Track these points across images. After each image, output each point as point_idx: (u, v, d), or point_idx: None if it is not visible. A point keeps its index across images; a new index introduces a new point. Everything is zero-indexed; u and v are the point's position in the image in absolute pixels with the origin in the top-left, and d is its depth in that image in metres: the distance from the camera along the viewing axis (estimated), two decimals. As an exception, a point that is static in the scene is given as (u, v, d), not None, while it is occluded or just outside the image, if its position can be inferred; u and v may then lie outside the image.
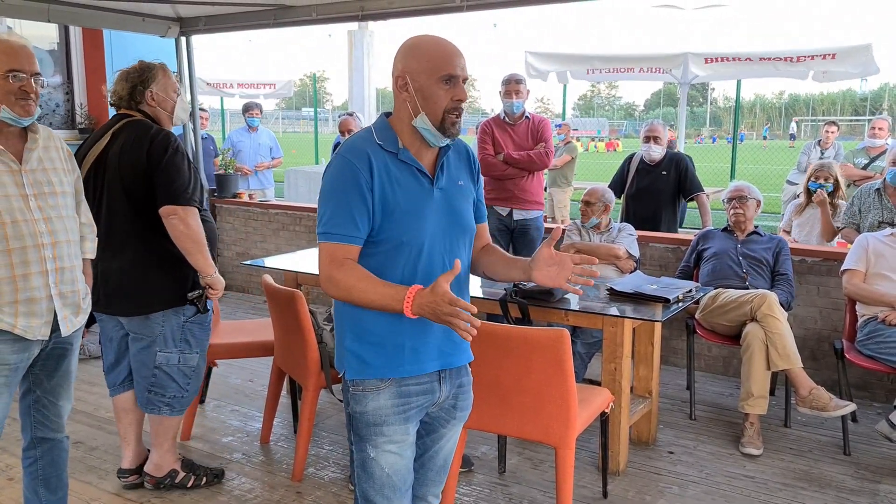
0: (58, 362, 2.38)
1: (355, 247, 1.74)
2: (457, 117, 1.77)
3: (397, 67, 1.78)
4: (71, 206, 2.37)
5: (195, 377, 3.03)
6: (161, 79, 2.93)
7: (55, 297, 2.24)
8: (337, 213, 1.73)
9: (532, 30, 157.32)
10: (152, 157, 2.75)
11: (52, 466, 2.50)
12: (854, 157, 6.29)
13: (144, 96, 2.90)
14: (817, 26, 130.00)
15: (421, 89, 1.75)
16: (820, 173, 4.60)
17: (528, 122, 4.70)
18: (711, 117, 58.29)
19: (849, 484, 3.16)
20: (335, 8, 4.98)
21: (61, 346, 2.36)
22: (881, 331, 3.46)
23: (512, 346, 2.61)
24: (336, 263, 1.72)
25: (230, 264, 6.75)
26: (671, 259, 4.64)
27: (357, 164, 1.73)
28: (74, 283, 2.32)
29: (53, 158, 2.32)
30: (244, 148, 7.39)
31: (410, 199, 1.76)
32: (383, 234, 1.75)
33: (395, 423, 1.82)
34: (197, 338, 2.99)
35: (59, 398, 2.43)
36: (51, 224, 2.23)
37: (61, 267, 2.26)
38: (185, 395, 3.01)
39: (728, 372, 4.52)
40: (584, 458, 3.35)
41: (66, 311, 2.29)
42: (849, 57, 7.77)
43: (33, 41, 6.49)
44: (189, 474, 3.10)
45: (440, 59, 1.74)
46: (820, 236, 4.60)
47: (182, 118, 3.01)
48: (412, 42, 1.79)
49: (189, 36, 5.99)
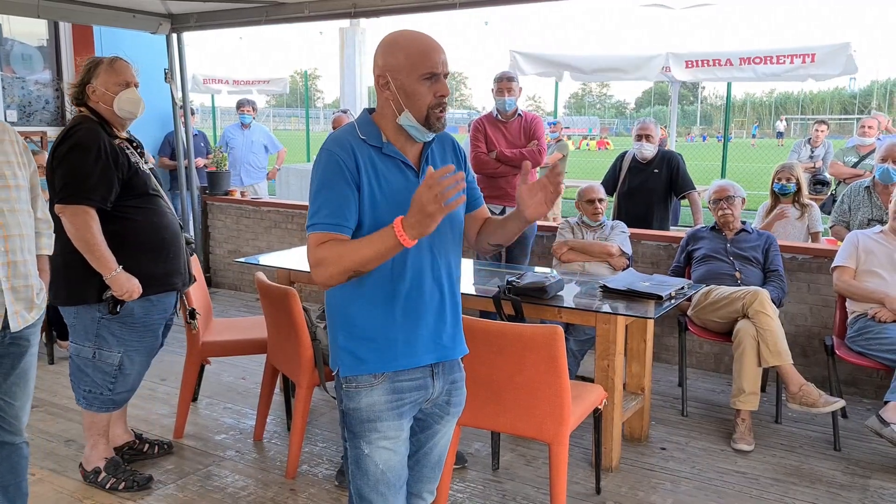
0: (14, 361, 2.31)
1: (343, 235, 1.71)
2: (441, 112, 1.77)
3: (377, 65, 1.78)
4: (25, 199, 2.31)
5: (121, 378, 2.96)
6: (102, 74, 2.87)
7: (6, 290, 2.20)
8: (326, 204, 1.72)
9: (523, 27, 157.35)
10: (53, 154, 2.77)
11: (10, 473, 2.41)
12: (844, 156, 6.34)
13: (87, 92, 2.88)
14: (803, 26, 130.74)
15: (403, 87, 1.74)
16: (782, 174, 4.51)
17: (521, 119, 4.71)
18: (702, 115, 58.51)
19: (839, 479, 3.19)
20: (327, 5, 4.98)
21: (17, 345, 2.30)
22: (871, 327, 3.49)
23: (505, 343, 2.62)
24: (320, 245, 1.69)
25: (222, 262, 6.73)
26: (663, 256, 4.66)
27: (342, 156, 1.73)
28: (28, 277, 2.28)
29: (7, 152, 2.26)
30: (236, 145, 7.35)
31: (396, 192, 1.76)
32: (370, 227, 1.75)
33: (388, 419, 1.82)
34: (118, 336, 2.91)
35: (15, 398, 2.35)
36: (2, 217, 2.19)
37: (13, 261, 2.22)
38: (104, 393, 2.96)
39: (720, 369, 4.54)
40: (577, 454, 3.36)
41: (18, 307, 2.25)
42: (828, 56, 7.82)
43: (22, 37, 6.49)
44: (109, 476, 3.05)
45: (420, 57, 1.74)
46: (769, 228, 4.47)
47: (126, 112, 2.89)
48: (390, 39, 1.78)
49: (180, 33, 5.97)
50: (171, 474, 3.21)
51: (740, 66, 8.28)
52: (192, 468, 3.27)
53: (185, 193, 6.49)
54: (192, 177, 6.47)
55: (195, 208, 6.57)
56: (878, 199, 4.35)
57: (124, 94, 2.87)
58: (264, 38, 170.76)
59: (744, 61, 8.28)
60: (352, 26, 17.14)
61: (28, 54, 6.51)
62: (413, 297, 1.80)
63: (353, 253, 1.65)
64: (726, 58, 8.40)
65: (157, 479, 3.16)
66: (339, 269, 1.66)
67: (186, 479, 3.17)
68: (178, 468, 3.27)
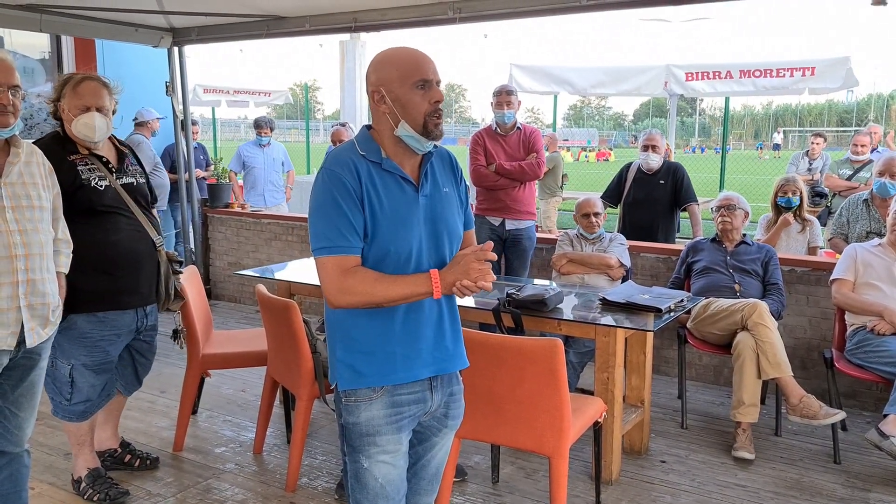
0: (23, 373, 2.36)
1: (357, 257, 1.76)
2: (438, 118, 1.80)
3: (371, 82, 1.81)
4: (47, 220, 2.39)
5: (76, 390, 2.93)
6: (67, 94, 2.84)
7: (24, 308, 2.26)
8: (333, 225, 1.74)
9: (522, 41, 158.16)
10: None
11: (10, 482, 2.44)
12: (839, 168, 6.37)
13: (59, 109, 2.87)
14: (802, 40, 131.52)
15: (398, 99, 1.77)
16: (787, 187, 4.53)
17: (520, 132, 4.73)
18: (700, 128, 58.71)
19: (839, 492, 3.18)
20: (328, 19, 5.02)
21: (28, 358, 2.35)
22: (870, 340, 3.50)
23: (505, 355, 2.62)
24: (347, 273, 1.73)
25: (222, 274, 6.73)
26: (662, 269, 4.67)
27: (344, 175, 1.75)
28: (45, 295, 2.34)
29: (34, 174, 2.36)
30: (257, 164, 7.18)
31: (396, 207, 1.78)
32: (371, 243, 1.77)
33: (387, 433, 1.83)
34: (65, 349, 2.87)
35: (21, 409, 2.40)
36: (25, 236, 2.26)
37: (32, 279, 2.28)
38: (62, 403, 2.96)
39: (719, 381, 4.54)
40: (577, 467, 3.36)
41: (34, 323, 2.30)
42: (828, 70, 7.87)
43: (25, 50, 6.51)
44: (88, 487, 3.05)
45: (411, 67, 1.78)
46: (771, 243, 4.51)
47: (83, 135, 2.84)
48: (381, 56, 1.83)
49: (182, 46, 6.00)
50: (170, 487, 3.20)
51: (740, 79, 8.33)
52: (191, 481, 3.26)
53: (186, 206, 6.51)
54: (192, 189, 6.49)
55: (195, 220, 6.58)
56: (877, 212, 4.37)
57: (81, 118, 2.82)
58: (264, 50, 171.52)
59: (744, 74, 8.33)
60: (352, 39, 17.26)
61: (30, 67, 6.54)
62: (412, 312, 1.81)
63: (384, 290, 1.72)
64: (726, 70, 8.45)
65: (157, 492, 3.15)
66: (365, 300, 1.74)
67: (186, 492, 3.17)
68: (177, 481, 3.26)
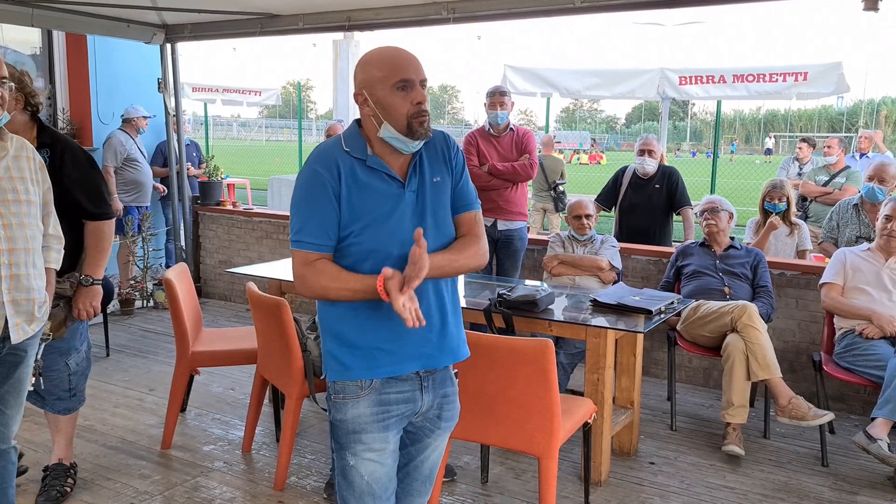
0: (9, 370, 2.34)
1: (326, 255, 1.79)
2: (422, 118, 1.77)
3: (356, 83, 1.82)
4: (35, 215, 2.36)
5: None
6: None
7: (7, 303, 2.24)
8: (308, 222, 1.78)
9: (515, 41, 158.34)
10: None
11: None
12: (815, 175, 6.42)
13: None
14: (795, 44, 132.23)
15: (380, 101, 1.77)
16: (774, 193, 4.54)
17: (513, 133, 4.74)
18: (692, 132, 58.95)
19: (827, 495, 3.20)
20: (322, 18, 5.01)
21: (14, 354, 2.33)
22: (858, 344, 3.52)
23: (496, 356, 2.62)
24: (307, 266, 1.79)
25: (213, 272, 6.71)
26: (653, 271, 4.69)
27: (324, 172, 1.76)
28: (30, 291, 2.31)
29: (23, 168, 2.33)
30: None
31: (379, 204, 1.78)
32: (353, 240, 1.78)
33: (373, 431, 1.83)
34: None
35: (8, 406, 2.38)
36: (10, 230, 2.23)
37: (17, 274, 2.25)
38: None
39: (709, 383, 4.56)
40: (566, 468, 3.36)
41: (19, 319, 2.28)
42: (820, 75, 7.92)
43: (16, 45, 6.47)
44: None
45: (393, 67, 1.77)
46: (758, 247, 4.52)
47: None
48: (365, 57, 1.82)
49: (174, 43, 5.97)
50: (158, 485, 3.19)
51: (734, 83, 8.36)
52: (179, 479, 3.25)
53: (177, 203, 6.48)
54: (184, 186, 6.46)
55: (186, 218, 6.56)
56: (867, 216, 4.40)
57: None
58: (256, 48, 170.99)
59: (737, 79, 8.37)
60: (346, 38, 17.20)
61: (21, 62, 6.49)
62: None
63: (336, 289, 1.76)
64: (720, 74, 8.48)
65: (144, 490, 3.14)
66: (321, 294, 1.80)
67: (173, 490, 3.15)
68: (165, 479, 3.25)
